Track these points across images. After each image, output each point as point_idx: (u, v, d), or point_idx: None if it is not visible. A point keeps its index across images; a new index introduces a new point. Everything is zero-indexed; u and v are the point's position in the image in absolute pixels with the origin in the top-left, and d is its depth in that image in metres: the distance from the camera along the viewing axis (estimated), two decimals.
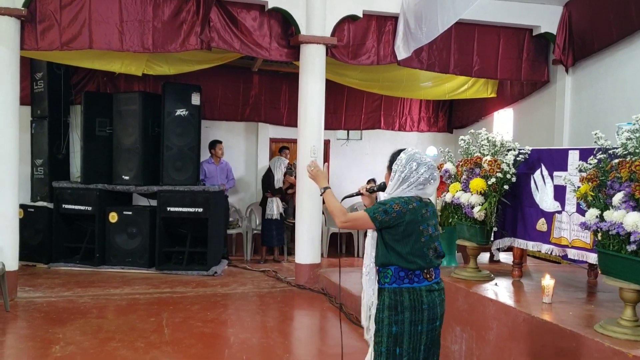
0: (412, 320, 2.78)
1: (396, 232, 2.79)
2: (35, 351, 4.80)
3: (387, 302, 2.83)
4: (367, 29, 7.45)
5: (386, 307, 2.82)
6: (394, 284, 2.82)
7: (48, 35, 6.44)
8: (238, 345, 5.13)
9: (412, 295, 2.79)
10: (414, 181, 2.84)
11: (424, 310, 2.80)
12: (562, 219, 3.93)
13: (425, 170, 2.84)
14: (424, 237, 2.83)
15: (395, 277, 2.82)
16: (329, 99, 7.86)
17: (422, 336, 2.81)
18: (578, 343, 3.11)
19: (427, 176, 2.84)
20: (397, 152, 2.96)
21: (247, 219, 9.45)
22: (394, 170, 2.89)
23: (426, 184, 2.85)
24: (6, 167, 6.28)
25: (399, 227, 2.78)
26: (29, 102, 8.45)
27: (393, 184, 2.89)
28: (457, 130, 10.87)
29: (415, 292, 2.80)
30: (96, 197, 8.05)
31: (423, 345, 2.82)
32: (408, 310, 2.78)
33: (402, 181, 2.85)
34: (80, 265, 8.02)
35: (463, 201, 4.30)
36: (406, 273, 2.80)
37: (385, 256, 2.84)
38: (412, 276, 2.81)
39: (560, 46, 7.83)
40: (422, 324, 2.80)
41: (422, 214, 2.83)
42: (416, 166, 2.84)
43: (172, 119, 8.11)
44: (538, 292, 3.93)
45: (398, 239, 2.80)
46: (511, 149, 4.30)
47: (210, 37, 6.83)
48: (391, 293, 2.82)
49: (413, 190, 2.85)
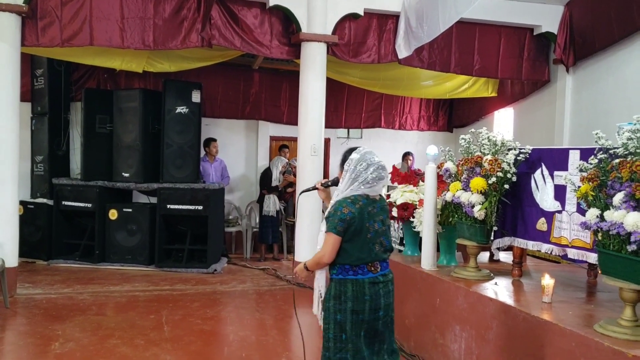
0: (354, 309, 3.00)
1: (348, 233, 2.98)
2: (35, 347, 4.81)
3: (332, 292, 3.05)
4: (368, 28, 7.45)
5: (332, 297, 3.04)
6: (340, 275, 3.04)
7: (49, 31, 6.43)
8: (237, 343, 5.14)
9: (355, 287, 3.01)
10: (362, 181, 3.01)
11: (365, 301, 3.01)
12: (562, 218, 3.93)
13: (374, 170, 3.02)
14: (370, 234, 3.04)
15: (341, 269, 3.03)
16: (330, 97, 7.86)
17: (363, 324, 3.02)
18: (578, 343, 3.11)
19: (375, 176, 3.02)
20: (349, 151, 3.13)
21: (247, 217, 9.45)
22: (345, 170, 3.06)
23: (374, 183, 3.03)
24: (6, 164, 6.28)
25: (350, 227, 2.97)
26: (29, 99, 8.44)
27: (344, 183, 3.06)
28: (457, 129, 10.87)
29: (359, 284, 3.01)
30: (96, 194, 8.05)
31: (363, 332, 3.03)
32: (350, 300, 3.00)
33: (352, 180, 3.02)
34: (79, 262, 8.03)
35: (463, 200, 4.29)
36: (351, 266, 3.02)
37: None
38: (357, 269, 3.02)
39: (561, 46, 7.84)
40: (364, 313, 3.01)
41: (369, 211, 3.03)
42: (366, 166, 3.01)
43: (172, 117, 8.10)
44: (538, 292, 3.93)
45: (348, 239, 2.99)
46: (512, 148, 4.29)
47: (211, 35, 6.83)
48: (337, 284, 3.04)
49: (362, 188, 3.02)
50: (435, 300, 4.51)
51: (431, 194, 4.64)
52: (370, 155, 3.07)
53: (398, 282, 5.14)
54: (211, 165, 8.85)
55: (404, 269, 5.06)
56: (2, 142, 6.25)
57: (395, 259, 5.42)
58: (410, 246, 5.57)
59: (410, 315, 4.90)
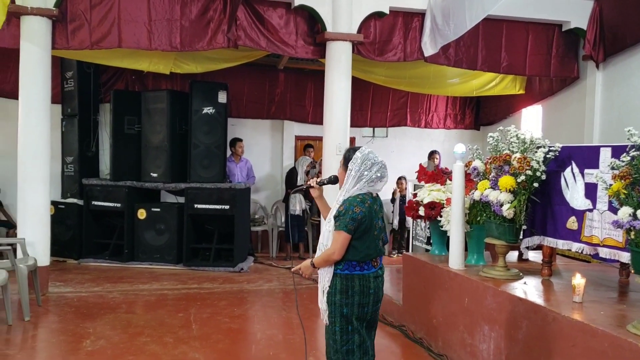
0: (361, 303, 3.14)
1: (358, 232, 3.09)
2: (67, 345, 4.90)
3: (339, 286, 3.14)
4: (394, 26, 7.41)
5: (338, 291, 3.14)
6: (346, 271, 3.14)
7: (78, 34, 6.54)
8: (265, 341, 5.17)
9: (362, 281, 3.14)
10: (367, 180, 3.12)
11: (370, 294, 3.16)
12: (593, 217, 3.87)
13: (378, 169, 3.14)
14: (376, 230, 3.18)
15: (347, 265, 3.13)
16: (355, 96, 7.84)
17: (367, 316, 3.19)
18: (610, 343, 3.06)
19: (380, 175, 3.14)
20: (352, 150, 3.23)
21: (273, 216, 9.49)
22: (350, 169, 3.15)
23: (377, 181, 3.15)
24: (38, 164, 6.41)
25: (361, 226, 3.08)
26: (59, 101, 8.61)
27: (350, 182, 3.15)
28: (484, 127, 10.77)
29: (365, 279, 3.14)
30: (125, 194, 8.17)
31: (365, 322, 3.21)
32: (357, 295, 3.13)
33: (358, 179, 3.12)
34: (109, 261, 8.16)
35: (492, 199, 4.25)
36: (358, 262, 3.13)
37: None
38: (363, 264, 3.14)
39: (590, 42, 7.70)
40: (369, 306, 3.17)
41: (375, 209, 3.17)
42: (370, 165, 3.13)
43: (199, 117, 8.18)
44: (568, 291, 3.87)
45: (358, 237, 3.10)
46: (541, 146, 4.24)
47: (237, 35, 6.87)
48: (343, 279, 3.14)
49: (365, 187, 3.14)
50: (463, 300, 4.48)
51: (459, 192, 4.61)
52: (373, 154, 3.18)
53: (425, 282, 5.13)
54: (237, 165, 8.91)
55: (432, 268, 5.03)
56: (33, 143, 6.38)
57: (423, 258, 5.41)
58: (437, 245, 5.54)
59: (438, 315, 4.87)
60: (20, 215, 6.43)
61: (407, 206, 5.81)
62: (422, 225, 7.28)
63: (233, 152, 8.94)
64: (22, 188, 6.38)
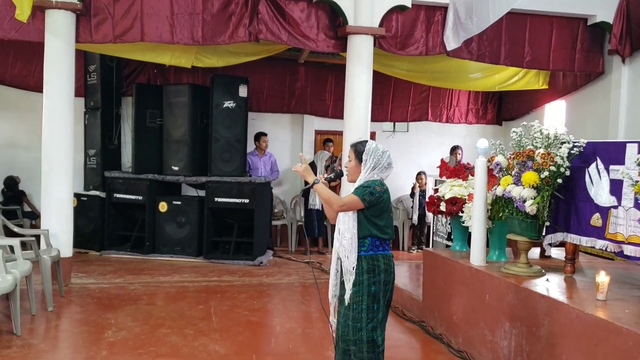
0: (385, 280, 3.31)
1: (377, 209, 3.30)
2: (89, 335, 4.96)
3: (365, 266, 3.29)
4: (416, 19, 7.35)
5: (364, 271, 3.29)
6: (371, 252, 3.31)
7: (102, 28, 6.59)
8: (284, 335, 5.19)
9: (385, 260, 3.34)
10: (381, 166, 3.34)
11: (391, 272, 3.36)
12: (619, 214, 3.80)
13: (388, 157, 3.38)
14: (391, 213, 3.47)
15: (372, 245, 3.31)
16: (376, 90, 7.79)
17: (387, 293, 3.36)
18: (635, 342, 3.01)
19: (390, 162, 3.38)
20: (361, 143, 3.42)
21: (292, 210, 9.50)
22: (365, 159, 3.34)
23: (389, 168, 3.38)
24: (61, 157, 6.49)
25: (379, 204, 3.30)
26: (82, 94, 8.69)
27: (365, 170, 3.34)
28: (506, 123, 10.65)
29: (387, 258, 3.35)
30: (146, 187, 8.24)
31: (386, 301, 3.37)
32: (383, 273, 3.30)
33: (373, 167, 3.33)
34: (130, 253, 8.25)
35: (514, 195, 4.20)
36: (381, 242, 3.34)
37: (367, 229, 3.30)
38: (385, 245, 3.36)
39: (616, 36, 7.56)
40: (390, 284, 3.36)
41: (389, 194, 3.41)
42: (381, 153, 3.35)
43: (220, 111, 8.21)
44: (591, 289, 3.82)
45: (377, 214, 3.31)
46: (565, 141, 4.18)
47: (259, 29, 6.86)
48: (369, 259, 3.30)
49: (379, 174, 3.35)
50: (484, 297, 4.44)
51: (481, 188, 4.56)
52: (380, 145, 3.41)
53: (446, 278, 5.10)
54: (260, 159, 8.94)
55: (452, 264, 5.00)
56: (57, 136, 6.46)
57: (443, 254, 5.38)
58: (458, 241, 5.50)
59: (458, 311, 4.84)
60: (44, 207, 6.52)
61: (428, 201, 5.78)
62: (442, 221, 7.23)
63: (257, 146, 8.96)
64: (46, 180, 6.48)
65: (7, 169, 8.87)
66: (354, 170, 3.42)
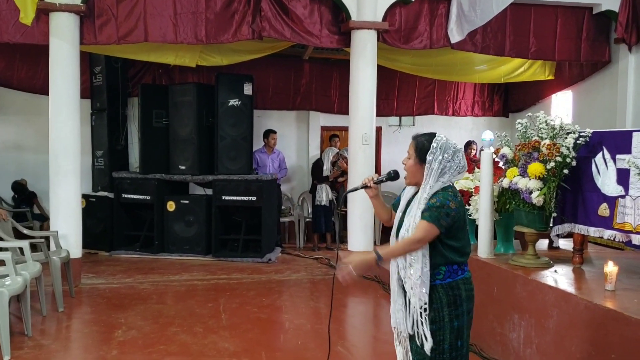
0: (468, 310, 2.74)
1: (452, 229, 2.66)
2: (100, 335, 4.99)
3: (445, 299, 2.69)
4: (419, 13, 7.32)
5: (445, 305, 2.69)
6: (448, 279, 2.70)
7: (105, 29, 6.62)
8: (293, 331, 5.20)
9: (466, 286, 2.73)
10: (453, 171, 2.70)
11: (472, 297, 2.76)
12: (626, 203, 3.78)
13: (461, 158, 2.72)
14: (467, 225, 2.81)
15: (449, 272, 2.70)
16: (381, 85, 7.78)
17: (470, 322, 2.79)
18: None
19: (463, 164, 2.72)
20: (427, 140, 2.73)
21: (300, 207, 9.51)
22: (429, 161, 2.68)
23: (462, 171, 2.74)
24: (69, 159, 6.52)
25: (456, 223, 2.66)
26: (88, 95, 8.73)
27: (432, 176, 2.68)
28: (513, 114, 10.60)
29: (467, 282, 2.75)
30: (154, 186, 8.27)
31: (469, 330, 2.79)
32: (465, 302, 2.71)
33: (441, 172, 2.68)
34: (140, 252, 8.28)
35: (521, 186, 4.18)
36: (459, 265, 2.72)
37: (442, 256, 2.68)
38: (463, 266, 2.75)
39: (622, 24, 7.50)
40: (472, 311, 2.78)
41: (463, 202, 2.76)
42: (452, 154, 2.69)
43: (225, 109, 8.23)
44: (600, 279, 3.80)
45: (453, 235, 2.68)
46: (571, 132, 4.16)
47: (262, 27, 6.86)
48: (447, 289, 2.69)
49: (451, 179, 2.71)
50: (492, 289, 4.43)
51: (487, 180, 4.55)
52: (450, 141, 2.74)
53: None
54: (269, 156, 8.95)
55: None
56: (64, 138, 6.49)
57: None
58: None
59: None
60: (53, 208, 6.56)
61: None
62: None
63: (266, 143, 8.97)
64: (54, 182, 6.52)
65: (15, 171, 8.92)
66: (413, 171, 2.77)
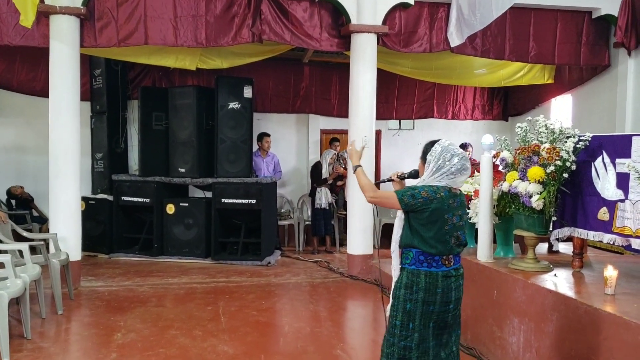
0: (425, 300, 2.98)
1: (421, 217, 2.97)
2: (99, 338, 4.98)
3: (404, 281, 3.03)
4: (419, 16, 7.34)
5: (403, 285, 3.03)
6: (413, 266, 3.02)
7: (105, 32, 6.62)
8: (292, 334, 5.19)
9: (429, 279, 2.99)
10: (446, 171, 2.99)
11: (437, 293, 2.99)
12: (626, 207, 3.78)
13: (458, 161, 2.99)
14: (448, 226, 3.00)
15: (415, 259, 3.01)
16: (380, 89, 7.79)
17: (432, 315, 3.01)
18: None
19: (459, 167, 2.99)
20: (431, 143, 3.12)
21: (299, 210, 9.51)
22: (429, 161, 3.05)
23: (457, 174, 3.00)
24: (68, 161, 6.52)
25: (424, 212, 2.96)
26: (88, 98, 8.74)
27: (428, 172, 3.05)
28: (512, 118, 10.62)
29: (432, 276, 2.99)
30: (154, 189, 8.27)
31: (432, 323, 3.03)
32: (422, 292, 2.98)
33: (436, 170, 3.01)
34: (139, 255, 8.28)
35: (521, 190, 4.19)
36: (426, 257, 2.99)
37: (409, 238, 3.04)
38: (431, 261, 3.00)
39: (622, 28, 7.52)
40: (435, 305, 3.00)
41: (449, 204, 3.00)
42: (450, 157, 3.00)
43: (225, 112, 8.23)
44: (600, 284, 3.80)
45: (423, 224, 2.98)
46: (570, 135, 4.16)
47: (262, 30, 6.87)
48: (409, 273, 3.02)
49: (444, 179, 3.00)
50: (492, 293, 4.43)
51: (487, 184, 4.55)
52: (453, 146, 3.06)
53: None
54: (263, 160, 8.94)
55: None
56: (64, 140, 6.49)
57: None
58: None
59: (466, 308, 4.80)
60: (52, 211, 6.56)
61: None
62: None
63: (260, 146, 8.97)
64: (53, 184, 6.51)
65: (15, 174, 8.92)
66: (421, 169, 3.18)
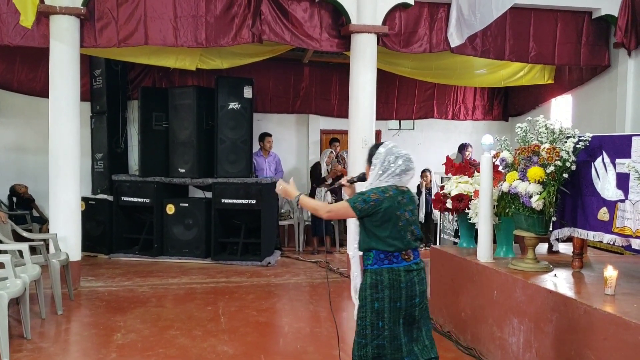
0: (392, 297, 3.07)
1: (375, 219, 3.08)
2: (99, 338, 4.99)
3: (369, 281, 3.12)
4: (419, 17, 7.34)
5: (368, 286, 3.11)
6: (375, 265, 3.11)
7: (106, 32, 6.62)
8: (292, 334, 5.19)
9: (391, 275, 3.08)
10: (391, 172, 3.12)
11: (402, 288, 3.08)
12: (626, 207, 3.78)
13: (402, 162, 3.13)
14: (402, 222, 3.12)
15: (376, 259, 3.11)
16: (380, 89, 7.79)
17: (400, 311, 3.09)
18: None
19: (404, 168, 3.13)
20: (376, 146, 3.23)
21: (299, 210, 9.50)
22: (374, 164, 3.17)
23: (402, 174, 3.13)
24: (68, 161, 6.52)
25: (377, 214, 3.07)
26: (88, 98, 8.74)
27: (373, 175, 3.17)
28: (512, 118, 10.63)
29: (394, 272, 3.09)
30: (154, 189, 8.27)
31: (401, 319, 3.11)
32: (387, 289, 3.07)
33: (382, 173, 3.13)
34: (139, 255, 8.28)
35: (520, 190, 4.18)
36: (386, 255, 3.10)
37: (367, 241, 3.15)
38: (392, 258, 3.10)
39: (622, 29, 7.52)
40: (401, 300, 3.08)
41: (399, 201, 3.11)
42: (394, 159, 3.12)
43: (225, 113, 8.24)
44: (600, 284, 3.80)
45: (378, 225, 3.09)
46: (570, 136, 4.16)
47: (262, 30, 6.87)
48: (372, 273, 3.12)
49: (390, 180, 3.13)
50: (492, 293, 4.42)
51: (487, 184, 4.55)
52: (397, 148, 3.18)
53: (453, 275, 5.09)
54: (265, 159, 8.95)
55: (459, 261, 4.99)
56: (64, 140, 6.49)
57: (450, 251, 5.36)
58: (465, 238, 5.48)
59: (466, 308, 4.83)
60: (52, 211, 6.56)
61: (434, 199, 5.76)
62: (449, 218, 7.22)
63: (262, 146, 8.98)
64: (53, 184, 6.51)
65: (15, 174, 8.92)
66: (367, 172, 3.27)
